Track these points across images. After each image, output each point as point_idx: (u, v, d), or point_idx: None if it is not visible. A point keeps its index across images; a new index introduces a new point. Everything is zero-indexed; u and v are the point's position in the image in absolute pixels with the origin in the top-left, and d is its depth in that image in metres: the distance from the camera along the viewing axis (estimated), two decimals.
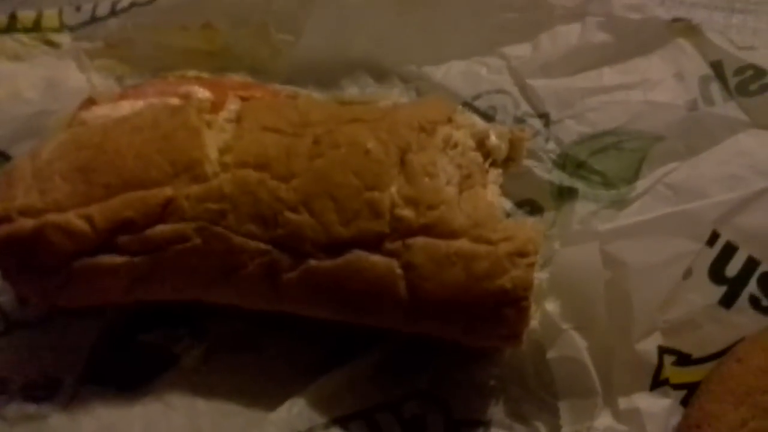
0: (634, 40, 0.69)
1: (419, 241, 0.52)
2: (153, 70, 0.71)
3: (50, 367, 0.59)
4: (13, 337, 0.61)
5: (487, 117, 0.68)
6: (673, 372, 0.56)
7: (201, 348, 0.60)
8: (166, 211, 0.53)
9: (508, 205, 0.65)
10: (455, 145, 0.55)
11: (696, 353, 0.56)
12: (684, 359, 0.56)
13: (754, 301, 0.56)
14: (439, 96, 0.67)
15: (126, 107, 0.60)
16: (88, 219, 0.53)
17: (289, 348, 0.59)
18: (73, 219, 0.53)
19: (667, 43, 0.69)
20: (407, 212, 0.52)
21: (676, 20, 0.69)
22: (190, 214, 0.53)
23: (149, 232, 0.53)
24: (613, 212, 0.63)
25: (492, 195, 0.56)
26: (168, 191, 0.53)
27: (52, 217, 0.53)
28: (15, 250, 0.55)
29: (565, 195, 0.65)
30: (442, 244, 0.52)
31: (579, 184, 0.65)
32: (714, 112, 0.66)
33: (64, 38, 0.73)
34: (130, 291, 0.55)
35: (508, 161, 0.61)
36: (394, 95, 0.67)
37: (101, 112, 0.60)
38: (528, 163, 0.65)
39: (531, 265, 0.51)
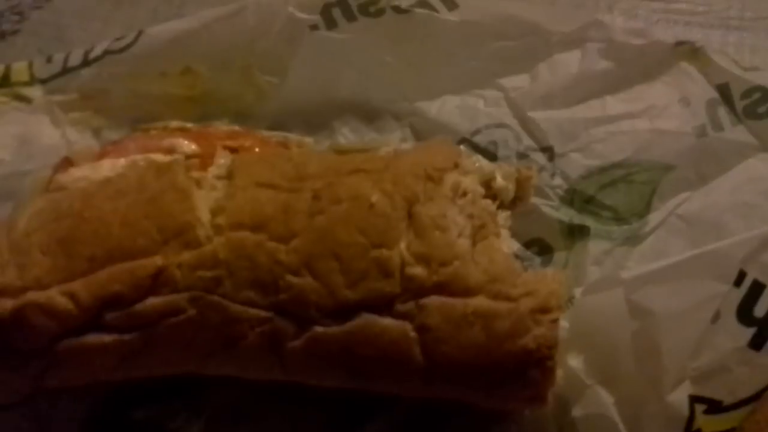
0: (637, 66, 0.67)
1: (433, 300, 0.48)
2: (131, 120, 0.68)
3: None
4: None
5: (489, 153, 0.65)
6: (704, 421, 0.53)
7: (199, 422, 0.56)
8: (156, 282, 0.49)
9: (515, 245, 0.62)
10: (464, 194, 0.52)
11: (727, 400, 0.53)
12: (715, 407, 0.53)
13: None
14: (442, 138, 0.63)
15: (106, 167, 0.56)
16: (72, 296, 0.49)
17: (294, 418, 0.55)
18: (56, 297, 0.49)
19: (671, 67, 0.67)
20: (419, 270, 0.49)
21: (679, 44, 0.67)
22: (183, 284, 0.49)
23: (139, 306, 0.49)
24: (628, 249, 0.62)
25: (505, 243, 0.53)
26: (158, 260, 0.49)
27: (33, 296, 0.49)
28: None
29: (575, 233, 0.63)
30: (459, 303, 0.48)
31: (589, 221, 0.63)
32: (723, 138, 0.64)
33: (35, 92, 0.68)
34: (120, 369, 0.51)
35: (515, 201, 0.59)
36: (395, 140, 0.64)
37: (80, 173, 0.56)
38: (534, 200, 0.63)
39: (555, 322, 0.48)
